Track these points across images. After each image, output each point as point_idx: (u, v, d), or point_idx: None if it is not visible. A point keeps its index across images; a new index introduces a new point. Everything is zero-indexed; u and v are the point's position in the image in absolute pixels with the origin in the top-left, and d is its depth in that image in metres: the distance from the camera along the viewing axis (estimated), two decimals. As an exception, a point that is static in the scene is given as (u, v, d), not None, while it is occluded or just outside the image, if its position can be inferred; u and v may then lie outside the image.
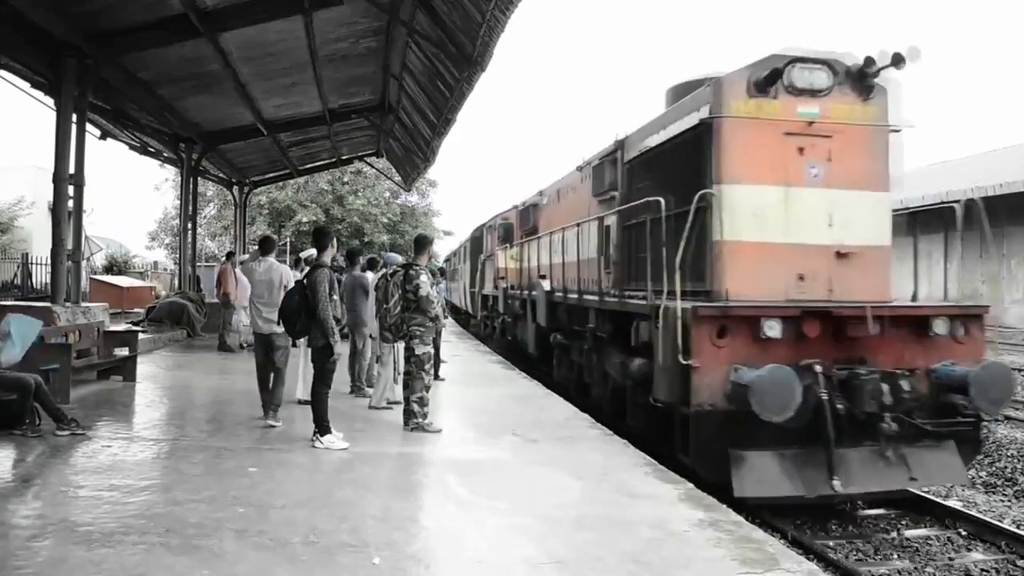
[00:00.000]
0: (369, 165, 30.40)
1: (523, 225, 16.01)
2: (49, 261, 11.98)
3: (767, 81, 7.07)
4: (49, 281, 12.49)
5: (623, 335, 8.16)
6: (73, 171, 11.24)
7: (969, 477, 7.92)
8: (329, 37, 12.84)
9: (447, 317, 14.87)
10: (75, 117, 11.19)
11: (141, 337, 11.75)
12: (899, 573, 5.74)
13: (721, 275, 7.03)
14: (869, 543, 6.30)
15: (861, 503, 7.09)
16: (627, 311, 8.05)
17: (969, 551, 6.20)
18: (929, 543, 6.34)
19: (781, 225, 7.10)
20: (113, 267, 34.31)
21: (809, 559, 5.35)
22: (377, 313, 8.23)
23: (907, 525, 6.76)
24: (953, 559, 6.01)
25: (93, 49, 11.00)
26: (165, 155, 20.05)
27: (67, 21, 10.27)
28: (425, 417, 7.56)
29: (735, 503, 5.68)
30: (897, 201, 7.96)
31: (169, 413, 8.63)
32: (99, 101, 14.17)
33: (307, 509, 4.86)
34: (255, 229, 35.18)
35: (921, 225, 8.54)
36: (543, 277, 12.12)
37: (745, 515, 5.32)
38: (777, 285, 7.02)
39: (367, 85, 16.59)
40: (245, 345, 14.85)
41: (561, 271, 11.67)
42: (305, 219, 35.33)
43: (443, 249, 41.67)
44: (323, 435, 6.69)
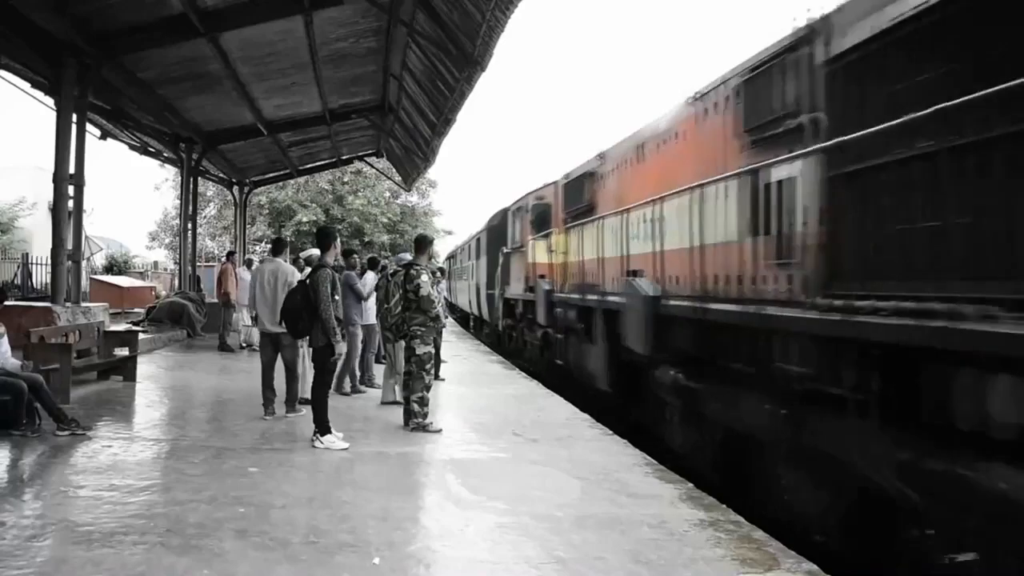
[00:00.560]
0: (369, 165, 30.40)
1: (570, 204, 12.01)
2: (49, 261, 11.99)
3: None
4: (49, 281, 12.50)
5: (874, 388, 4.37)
6: (73, 171, 11.25)
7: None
8: (329, 37, 12.85)
9: (447, 317, 13.80)
10: (75, 117, 11.19)
11: (141, 337, 11.75)
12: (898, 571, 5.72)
13: None
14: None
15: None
16: (911, 344, 3.91)
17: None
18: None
19: None
20: (113, 267, 34.35)
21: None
22: (378, 313, 8.25)
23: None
24: (954, 558, 5.99)
25: (93, 49, 11.00)
26: (165, 155, 20.06)
27: (67, 21, 10.28)
28: (425, 417, 7.56)
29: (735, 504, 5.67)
30: None
31: (169, 413, 8.63)
32: (99, 101, 14.18)
33: (307, 509, 4.86)
34: (255, 229, 35.24)
35: None
36: (634, 274, 8.06)
37: (745, 515, 5.32)
38: None
39: (367, 85, 16.60)
40: (245, 345, 14.86)
41: (657, 264, 7.82)
42: (305, 219, 35.36)
43: (443, 249, 41.67)
44: (323, 435, 6.69)
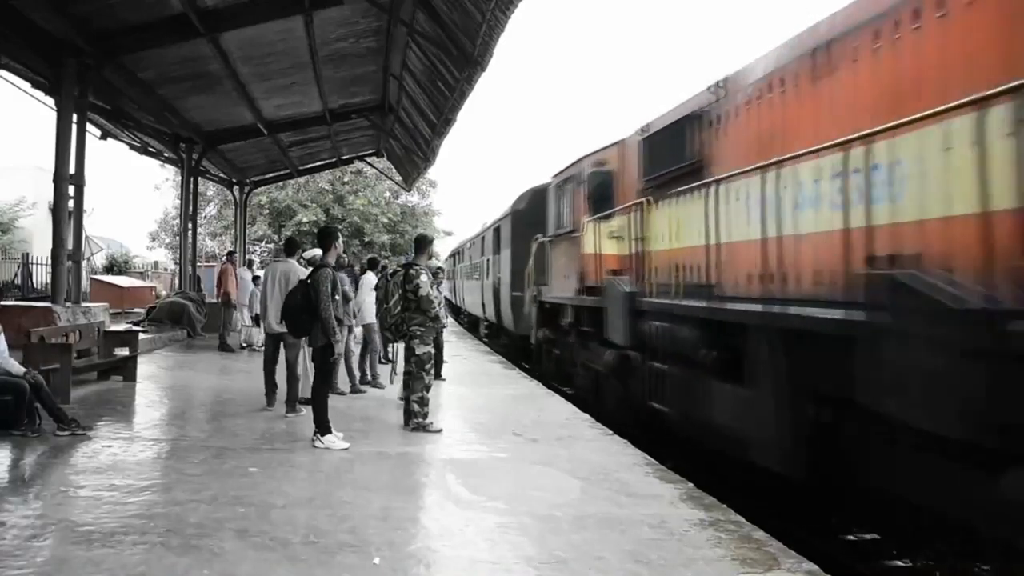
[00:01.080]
0: (369, 165, 30.39)
1: (657, 166, 8.33)
2: (49, 261, 12.00)
3: None
4: (49, 281, 12.50)
5: None
6: (73, 171, 11.26)
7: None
8: (329, 37, 12.85)
9: (447, 318, 13.25)
10: (75, 117, 11.20)
11: (141, 337, 11.76)
12: (899, 571, 5.73)
13: None
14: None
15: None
16: None
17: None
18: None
19: None
20: (113, 267, 34.37)
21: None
22: (377, 313, 8.26)
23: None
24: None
25: (93, 49, 11.01)
26: (165, 155, 20.07)
27: (67, 21, 10.29)
28: (426, 417, 7.56)
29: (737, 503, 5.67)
30: None
31: (170, 413, 8.63)
32: (99, 101, 14.19)
33: (307, 509, 4.85)
34: (255, 229, 35.23)
35: None
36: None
37: (746, 515, 5.32)
38: None
39: (367, 85, 16.60)
40: (245, 345, 14.87)
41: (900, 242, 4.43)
42: (305, 219, 35.35)
43: (444, 249, 41.66)
44: (323, 435, 6.69)
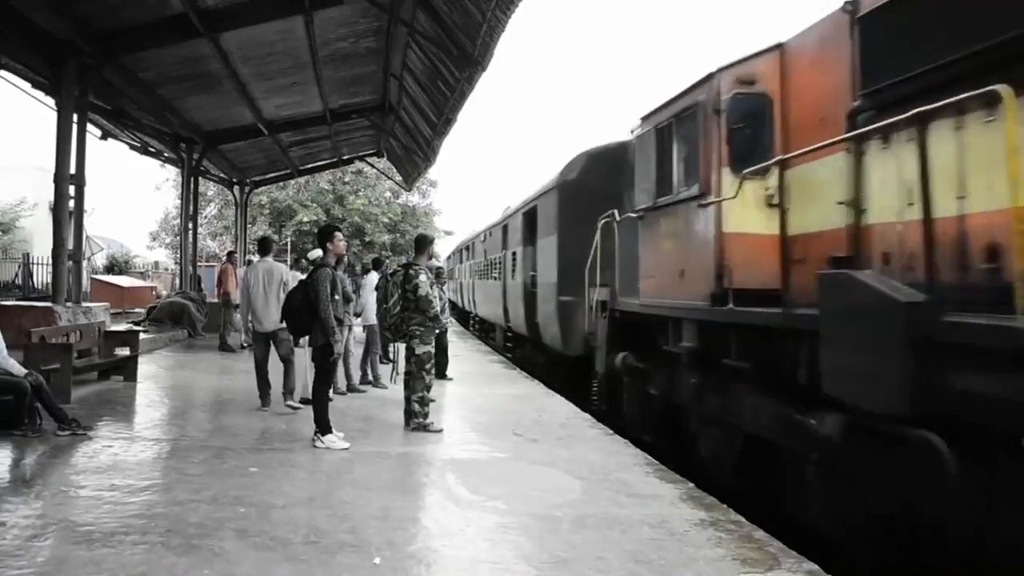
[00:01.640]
0: (370, 165, 30.41)
1: (894, 65, 4.69)
2: (50, 261, 12.00)
3: None
4: (50, 281, 12.51)
5: None
6: (74, 171, 11.26)
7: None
8: (329, 37, 12.85)
9: (448, 319, 11.41)
10: (76, 117, 11.21)
11: (142, 337, 11.75)
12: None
13: None
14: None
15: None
16: None
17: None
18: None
19: None
20: (114, 267, 34.40)
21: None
22: (377, 313, 8.27)
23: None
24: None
25: (93, 49, 11.02)
26: (166, 155, 20.08)
27: (68, 21, 10.29)
28: (426, 417, 7.56)
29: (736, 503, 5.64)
30: None
31: (170, 413, 8.62)
32: (100, 101, 14.19)
33: (308, 509, 4.85)
34: (256, 229, 35.24)
35: None
36: None
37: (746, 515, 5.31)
38: None
39: (368, 85, 16.60)
40: (245, 345, 14.86)
41: None
42: (306, 219, 35.41)
43: (444, 249, 41.67)
44: (324, 435, 6.69)
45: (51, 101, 11.46)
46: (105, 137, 17.09)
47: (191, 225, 19.88)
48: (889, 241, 4.74)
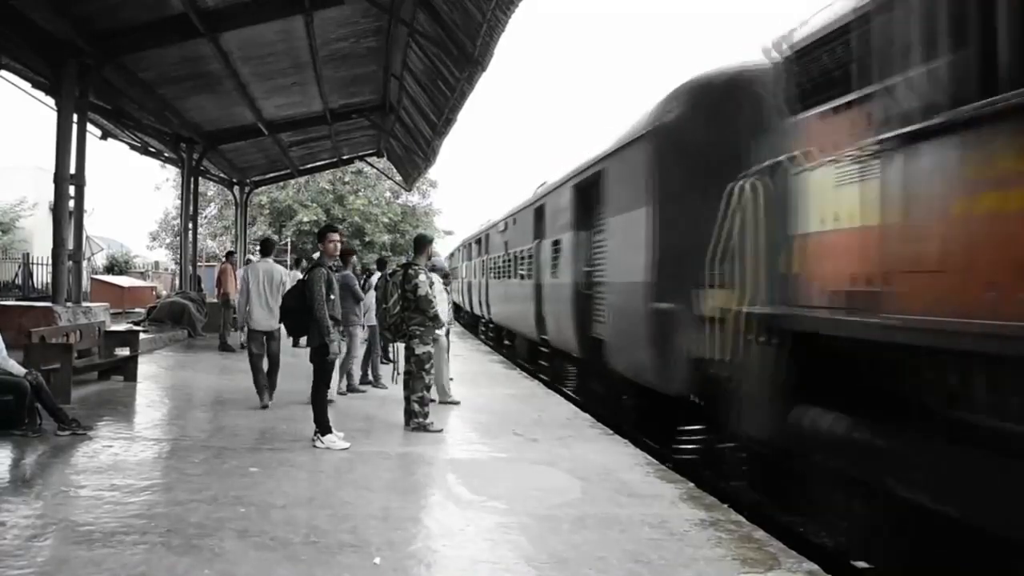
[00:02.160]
0: (370, 165, 30.43)
1: None
2: (50, 261, 12.00)
3: None
4: (50, 281, 12.51)
5: None
6: (74, 171, 11.26)
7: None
8: (330, 37, 12.85)
9: (451, 323, 10.47)
10: (76, 117, 11.21)
11: (142, 337, 11.75)
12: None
13: None
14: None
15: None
16: None
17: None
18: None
19: None
20: (114, 267, 34.39)
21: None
22: (377, 313, 8.28)
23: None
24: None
25: (94, 49, 11.02)
26: (166, 155, 20.08)
27: (68, 21, 10.29)
28: (426, 417, 7.56)
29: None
30: None
31: (170, 413, 8.63)
32: (100, 101, 14.19)
33: (308, 509, 4.86)
34: (256, 229, 35.28)
35: None
36: None
37: (746, 515, 5.32)
38: None
39: (368, 85, 16.60)
40: (245, 345, 14.86)
41: None
42: (306, 219, 35.48)
43: (445, 248, 41.65)
44: (323, 435, 6.69)
45: (51, 101, 11.46)
46: (105, 137, 17.08)
47: (191, 225, 19.88)
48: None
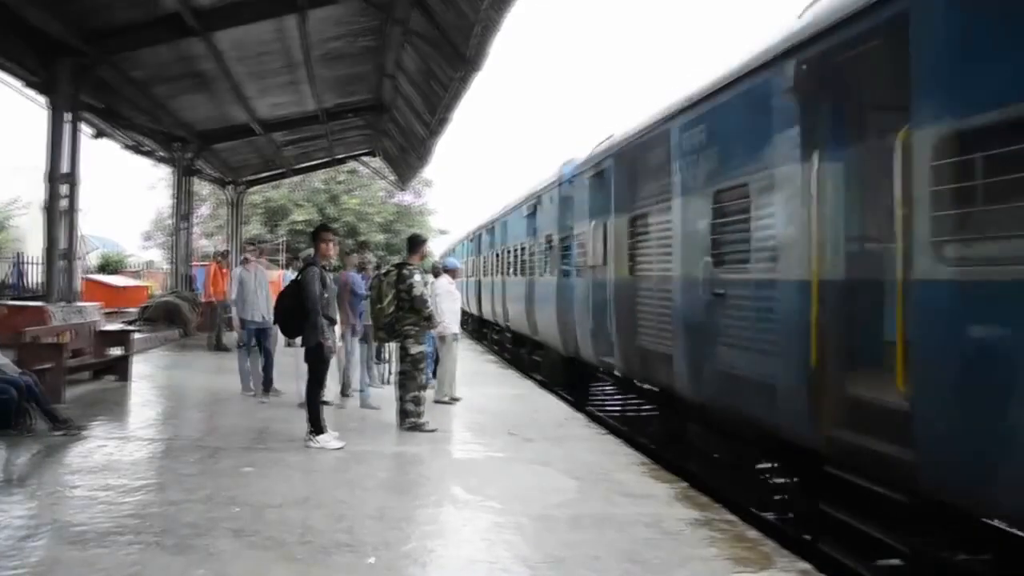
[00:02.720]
0: (364, 164, 30.36)
1: None
2: (43, 260, 11.94)
3: None
4: (43, 280, 12.44)
5: None
6: (67, 170, 11.20)
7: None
8: (324, 36, 12.82)
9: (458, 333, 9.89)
10: (69, 116, 11.14)
11: (135, 336, 11.71)
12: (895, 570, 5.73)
13: None
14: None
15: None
16: None
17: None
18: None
19: None
20: (107, 267, 34.26)
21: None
22: (371, 313, 8.26)
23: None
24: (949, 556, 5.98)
25: (87, 48, 10.96)
26: (159, 154, 19.98)
27: (61, 20, 10.24)
28: (420, 416, 7.56)
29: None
30: None
31: (164, 412, 8.61)
32: (93, 100, 14.11)
33: (302, 508, 4.85)
34: (250, 228, 35.18)
35: None
36: None
37: (740, 515, 5.34)
38: None
39: (362, 84, 16.57)
40: (241, 344, 14.80)
41: None
42: (300, 218, 35.43)
43: (438, 247, 41.62)
44: (318, 434, 6.67)
45: (44, 100, 11.39)
46: (98, 136, 16.97)
47: (184, 225, 19.81)
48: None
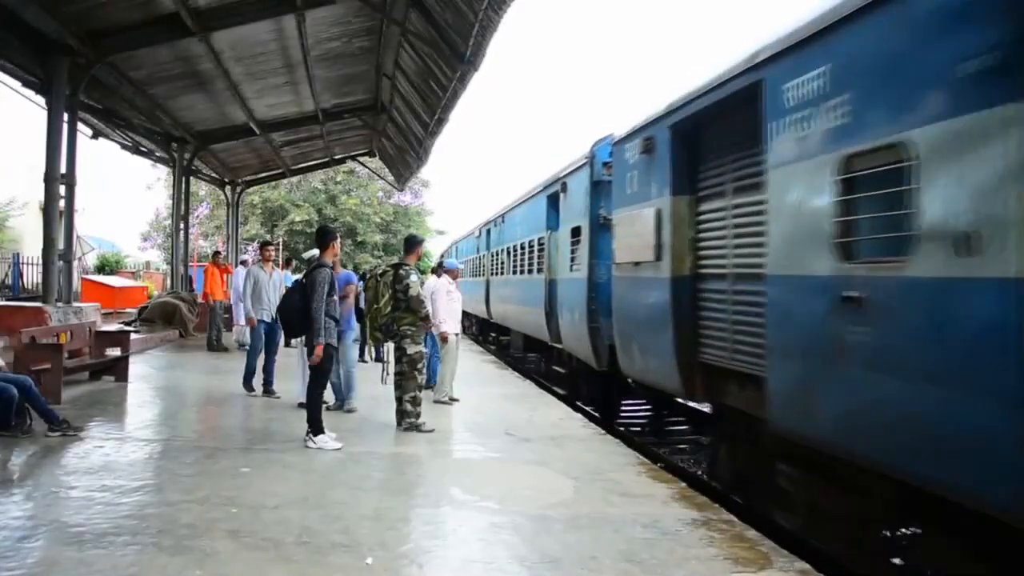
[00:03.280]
0: (362, 165, 30.36)
1: None
2: (40, 261, 11.93)
3: None
4: (40, 281, 12.44)
5: None
6: (64, 170, 11.19)
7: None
8: (322, 36, 12.83)
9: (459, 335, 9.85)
10: (66, 116, 11.14)
11: (133, 337, 11.70)
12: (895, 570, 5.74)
13: None
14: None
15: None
16: None
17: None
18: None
19: None
20: (105, 267, 34.24)
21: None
22: (368, 313, 8.25)
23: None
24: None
25: (84, 48, 10.96)
26: (157, 155, 19.96)
27: (58, 20, 10.23)
28: (418, 417, 7.56)
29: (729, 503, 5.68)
30: None
31: (161, 413, 8.59)
32: (90, 100, 14.11)
33: (300, 509, 4.85)
34: (248, 229, 35.18)
35: None
36: None
37: (738, 514, 5.34)
38: None
39: (360, 84, 16.56)
40: (240, 344, 14.80)
41: None
42: (298, 218, 35.41)
43: (437, 248, 41.62)
44: (316, 435, 6.67)
45: (41, 100, 11.39)
46: (96, 136, 16.96)
47: (182, 225, 19.80)
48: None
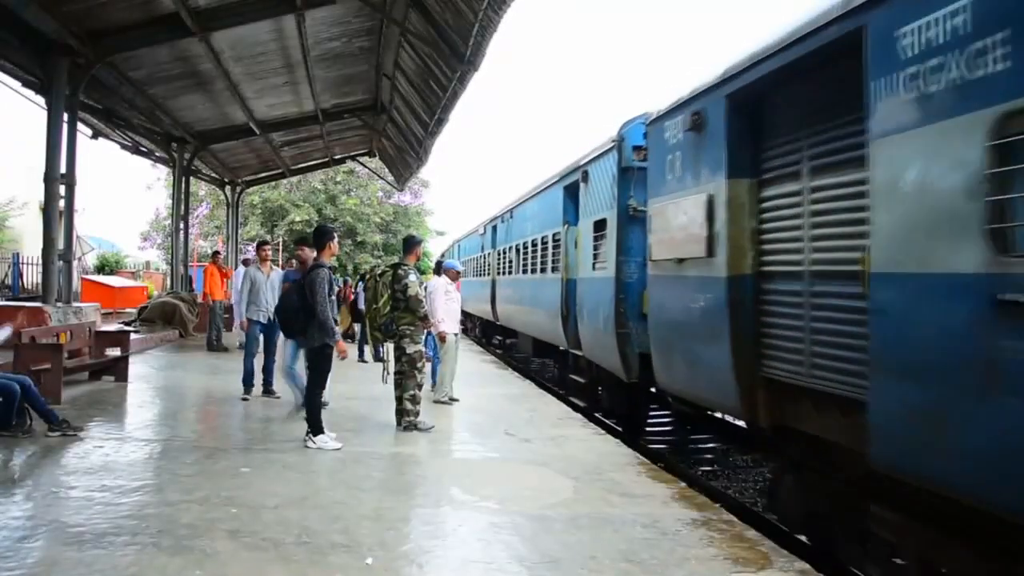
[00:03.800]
0: (362, 165, 30.37)
1: None
2: (40, 261, 11.93)
3: None
4: (40, 281, 12.44)
5: None
6: (64, 171, 11.19)
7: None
8: (322, 36, 12.83)
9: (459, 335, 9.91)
10: (66, 116, 11.14)
11: (133, 337, 11.69)
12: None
13: None
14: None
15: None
16: None
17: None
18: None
19: None
20: (105, 267, 34.26)
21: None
22: (367, 313, 8.26)
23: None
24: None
25: (84, 48, 10.96)
26: (157, 155, 19.97)
27: (58, 20, 10.23)
28: (418, 416, 7.56)
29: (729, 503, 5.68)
30: None
31: (161, 413, 8.59)
32: (90, 100, 14.11)
33: (300, 509, 4.85)
34: (248, 229, 35.20)
35: None
36: None
37: (738, 514, 5.34)
38: None
39: (360, 84, 16.57)
40: (240, 345, 14.80)
41: None
42: (298, 218, 35.43)
43: (436, 248, 41.67)
44: (316, 435, 6.67)
45: (41, 100, 11.39)
46: (96, 136, 16.97)
47: (182, 225, 19.80)
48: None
